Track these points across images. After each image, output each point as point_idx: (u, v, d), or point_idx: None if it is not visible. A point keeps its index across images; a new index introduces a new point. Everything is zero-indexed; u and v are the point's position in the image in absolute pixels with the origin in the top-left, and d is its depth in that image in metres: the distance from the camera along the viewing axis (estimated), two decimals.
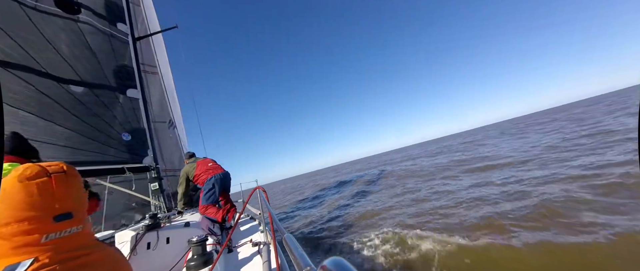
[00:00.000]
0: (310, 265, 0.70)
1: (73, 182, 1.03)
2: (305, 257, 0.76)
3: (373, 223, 5.86)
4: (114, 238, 2.31)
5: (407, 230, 4.68)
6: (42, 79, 2.79)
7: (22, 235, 0.84)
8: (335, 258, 0.50)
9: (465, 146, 21.30)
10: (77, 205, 1.03)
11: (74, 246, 0.95)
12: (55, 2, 3.02)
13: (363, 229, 5.66)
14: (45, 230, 0.88)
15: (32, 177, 0.90)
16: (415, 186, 8.91)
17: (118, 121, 3.42)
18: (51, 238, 0.89)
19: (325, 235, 6.05)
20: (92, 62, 3.29)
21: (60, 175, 0.97)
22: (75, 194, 1.04)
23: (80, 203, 1.06)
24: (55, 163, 1.02)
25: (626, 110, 16.04)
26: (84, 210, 1.09)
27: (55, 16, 3.02)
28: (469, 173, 8.83)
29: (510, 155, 10.11)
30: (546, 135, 13.74)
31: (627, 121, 11.19)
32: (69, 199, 0.98)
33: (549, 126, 18.61)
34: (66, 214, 0.95)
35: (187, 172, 3.41)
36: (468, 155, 13.70)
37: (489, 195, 5.64)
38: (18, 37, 2.65)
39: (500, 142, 16.35)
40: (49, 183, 0.93)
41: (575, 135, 10.95)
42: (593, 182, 4.87)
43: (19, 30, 2.68)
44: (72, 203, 0.99)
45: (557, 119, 23.81)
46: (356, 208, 7.91)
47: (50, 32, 2.94)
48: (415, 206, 6.38)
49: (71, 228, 0.96)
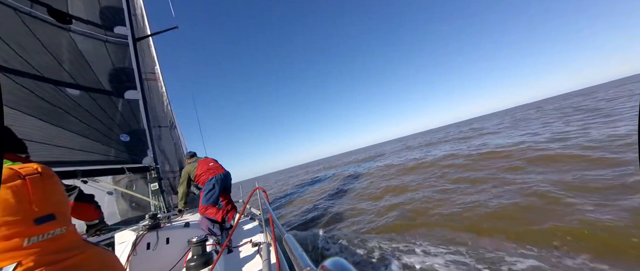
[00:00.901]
0: (310, 265, 0.70)
1: (49, 183, 1.00)
2: (305, 257, 0.76)
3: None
4: (113, 238, 2.32)
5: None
6: (37, 83, 2.81)
7: (1, 241, 0.81)
8: (335, 259, 0.50)
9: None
10: (58, 206, 1.00)
11: (60, 248, 0.93)
12: (48, 11, 3.04)
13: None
14: (26, 234, 0.85)
15: (5, 180, 0.86)
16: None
17: (116, 122, 3.43)
18: (34, 241, 0.86)
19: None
20: (86, 68, 3.32)
21: (35, 177, 0.94)
22: (54, 195, 1.01)
23: (61, 204, 1.03)
24: (28, 165, 0.99)
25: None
26: (67, 211, 1.06)
27: (49, 24, 3.05)
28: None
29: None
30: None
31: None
32: (48, 201, 0.95)
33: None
34: (47, 216, 0.92)
35: (188, 172, 3.40)
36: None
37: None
38: (13, 41, 2.67)
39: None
40: (23, 186, 0.89)
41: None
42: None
43: (15, 34, 2.71)
44: (52, 204, 0.97)
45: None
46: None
47: (46, 37, 2.97)
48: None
49: (54, 230, 0.93)
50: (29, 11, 2.86)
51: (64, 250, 0.93)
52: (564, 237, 2.97)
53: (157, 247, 2.17)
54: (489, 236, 3.42)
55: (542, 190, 4.27)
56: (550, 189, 4.21)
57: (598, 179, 4.15)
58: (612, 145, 5.70)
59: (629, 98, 15.17)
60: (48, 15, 3.03)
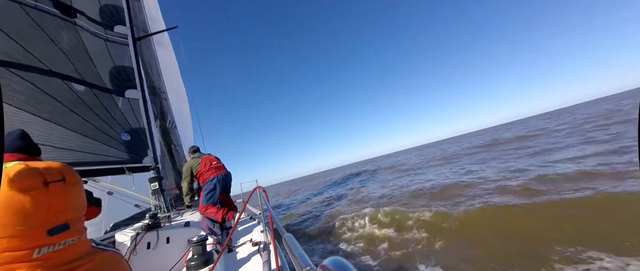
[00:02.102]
0: (310, 265, 0.70)
1: (72, 190, 0.95)
2: (305, 257, 0.76)
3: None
4: (114, 238, 2.31)
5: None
6: (44, 77, 2.79)
7: (11, 251, 0.78)
8: (335, 258, 0.50)
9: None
10: (75, 215, 0.95)
11: (69, 258, 0.89)
12: (54, 4, 3.03)
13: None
14: (37, 245, 0.82)
15: (26, 188, 0.81)
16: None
17: (117, 121, 3.42)
18: (44, 252, 0.82)
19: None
20: (89, 64, 3.31)
21: (59, 184, 0.89)
22: (75, 204, 0.96)
23: (79, 212, 0.98)
24: (55, 166, 0.93)
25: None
26: (82, 219, 1.01)
27: (55, 16, 3.03)
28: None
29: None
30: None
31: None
32: (66, 210, 0.91)
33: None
34: (62, 226, 0.88)
35: (191, 166, 3.35)
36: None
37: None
38: (19, 36, 2.65)
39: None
40: (44, 194, 0.84)
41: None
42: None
43: (21, 28, 2.69)
44: (69, 214, 0.92)
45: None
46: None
47: (52, 29, 2.95)
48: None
49: (66, 240, 0.88)
50: (34, 5, 2.85)
51: (73, 260, 0.89)
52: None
53: (158, 247, 2.17)
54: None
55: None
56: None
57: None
58: None
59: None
60: (53, 8, 3.03)
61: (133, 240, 2.11)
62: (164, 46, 6.21)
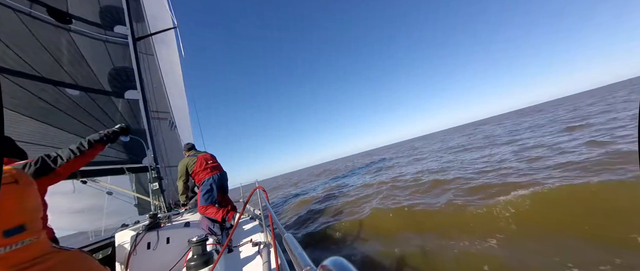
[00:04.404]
0: (310, 265, 0.70)
1: (25, 191, 0.93)
2: (305, 257, 0.77)
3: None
4: (114, 238, 2.31)
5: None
6: (37, 83, 2.80)
7: None
8: (335, 258, 0.50)
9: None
10: (31, 216, 0.94)
11: (28, 257, 0.88)
12: (48, 11, 3.04)
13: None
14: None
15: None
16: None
17: (116, 123, 3.43)
18: (0, 252, 0.81)
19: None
20: (85, 68, 3.31)
21: (11, 186, 0.87)
22: (29, 205, 0.94)
23: (35, 213, 0.97)
24: (7, 169, 0.92)
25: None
26: (40, 218, 1.01)
27: (49, 24, 3.04)
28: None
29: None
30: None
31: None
32: (21, 211, 0.90)
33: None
34: (18, 228, 0.86)
35: (186, 164, 3.29)
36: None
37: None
38: (12, 43, 2.66)
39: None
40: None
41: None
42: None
43: (14, 35, 2.70)
44: (25, 215, 0.91)
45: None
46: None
47: (45, 37, 2.96)
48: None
49: (24, 240, 0.87)
50: (28, 11, 2.85)
51: (32, 259, 0.89)
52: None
53: (158, 247, 2.17)
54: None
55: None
56: None
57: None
58: None
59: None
60: (48, 15, 3.03)
61: (133, 240, 2.11)
62: (167, 44, 6.24)
